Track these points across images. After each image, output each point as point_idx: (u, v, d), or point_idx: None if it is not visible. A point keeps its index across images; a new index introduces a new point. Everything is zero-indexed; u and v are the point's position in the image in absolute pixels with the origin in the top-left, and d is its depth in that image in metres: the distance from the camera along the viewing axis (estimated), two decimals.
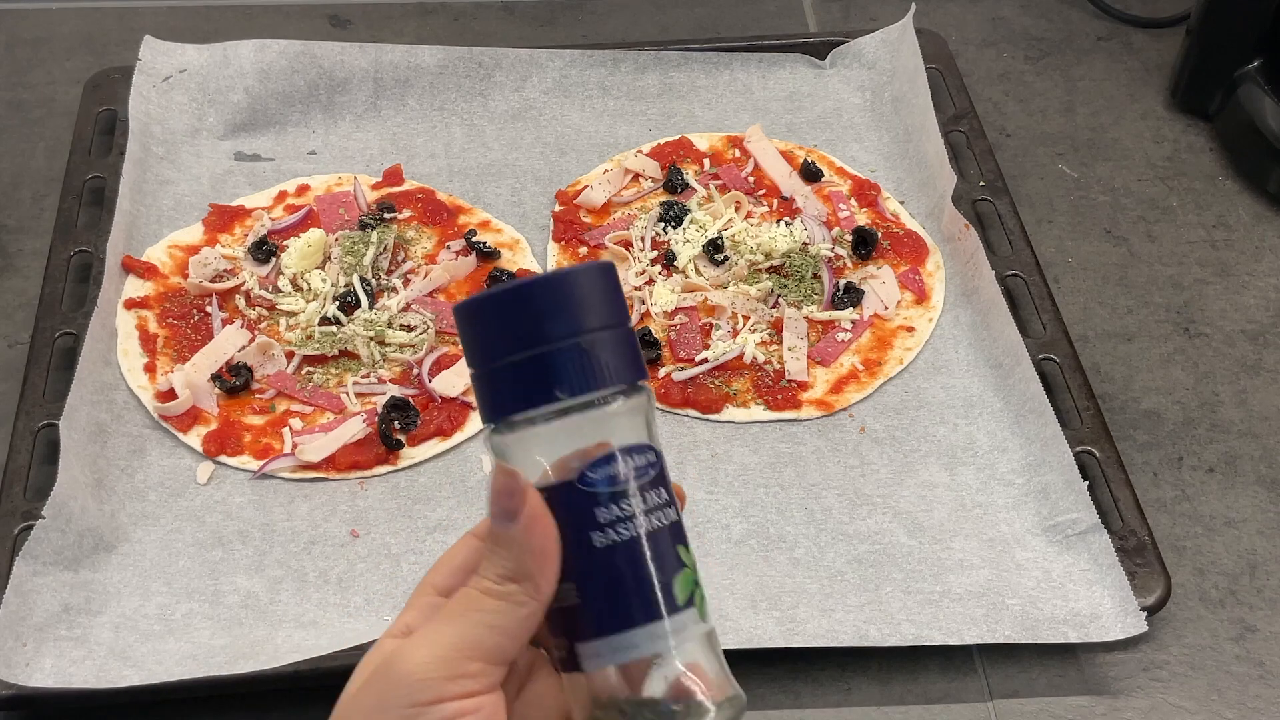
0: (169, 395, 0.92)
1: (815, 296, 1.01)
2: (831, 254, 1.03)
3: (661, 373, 0.96)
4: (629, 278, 1.01)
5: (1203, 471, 0.94)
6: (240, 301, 0.99)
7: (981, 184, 1.09)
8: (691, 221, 1.04)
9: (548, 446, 0.49)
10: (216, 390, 0.93)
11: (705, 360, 0.96)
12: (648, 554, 0.49)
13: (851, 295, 1.00)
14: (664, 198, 1.08)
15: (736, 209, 1.06)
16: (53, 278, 0.99)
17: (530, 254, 1.04)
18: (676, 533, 0.50)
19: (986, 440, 0.93)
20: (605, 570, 0.48)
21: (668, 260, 1.03)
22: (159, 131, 1.09)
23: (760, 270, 1.02)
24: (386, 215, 1.05)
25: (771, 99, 1.18)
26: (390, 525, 0.88)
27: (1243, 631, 0.85)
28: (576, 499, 0.48)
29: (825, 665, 0.82)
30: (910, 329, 1.00)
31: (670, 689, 0.48)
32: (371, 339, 0.96)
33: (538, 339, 0.48)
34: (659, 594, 0.49)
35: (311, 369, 0.96)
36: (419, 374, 0.95)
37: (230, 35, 1.15)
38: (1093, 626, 0.82)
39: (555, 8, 1.29)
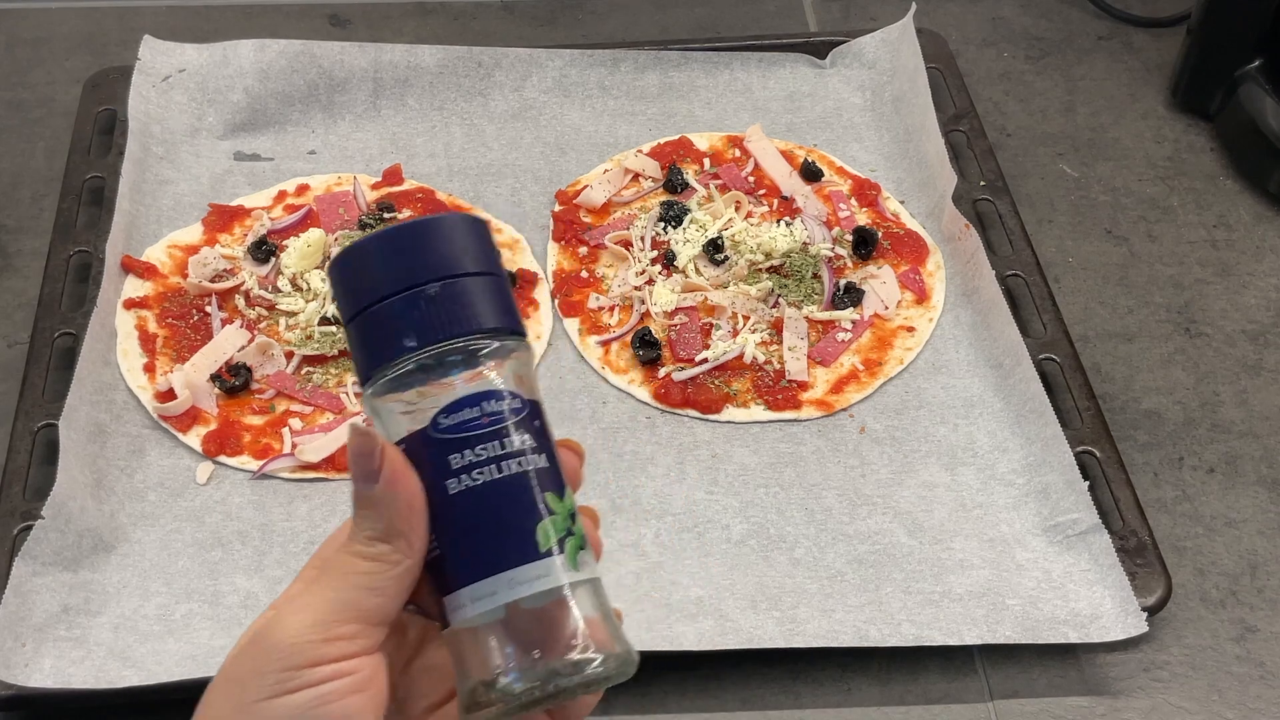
0: (168, 395, 0.92)
1: (815, 296, 1.01)
2: (831, 254, 1.03)
3: (661, 373, 0.96)
4: (629, 278, 1.01)
5: (1203, 472, 0.94)
6: (240, 301, 0.99)
7: (982, 184, 1.09)
8: (691, 221, 1.04)
9: (412, 400, 0.48)
10: (216, 390, 0.93)
11: (705, 360, 0.96)
12: (501, 498, 0.47)
13: (852, 295, 1.00)
14: (664, 197, 1.08)
15: (736, 209, 1.06)
16: (52, 278, 0.99)
17: (530, 254, 1.04)
18: (545, 479, 0.48)
19: (987, 440, 0.93)
20: (460, 517, 0.47)
21: (668, 260, 1.03)
22: (158, 131, 1.09)
23: (760, 270, 1.02)
24: (386, 215, 1.05)
25: (771, 99, 1.17)
26: None
27: (1243, 632, 0.85)
28: (431, 446, 0.47)
29: (825, 665, 0.82)
30: (910, 329, 1.00)
31: (541, 641, 0.47)
32: None
33: (385, 290, 0.47)
34: (513, 540, 0.47)
35: (311, 369, 0.96)
36: None
37: (230, 35, 1.14)
38: (1093, 627, 0.82)
39: (555, 8, 1.29)
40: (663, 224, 1.04)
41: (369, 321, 0.48)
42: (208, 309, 0.98)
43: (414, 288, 0.47)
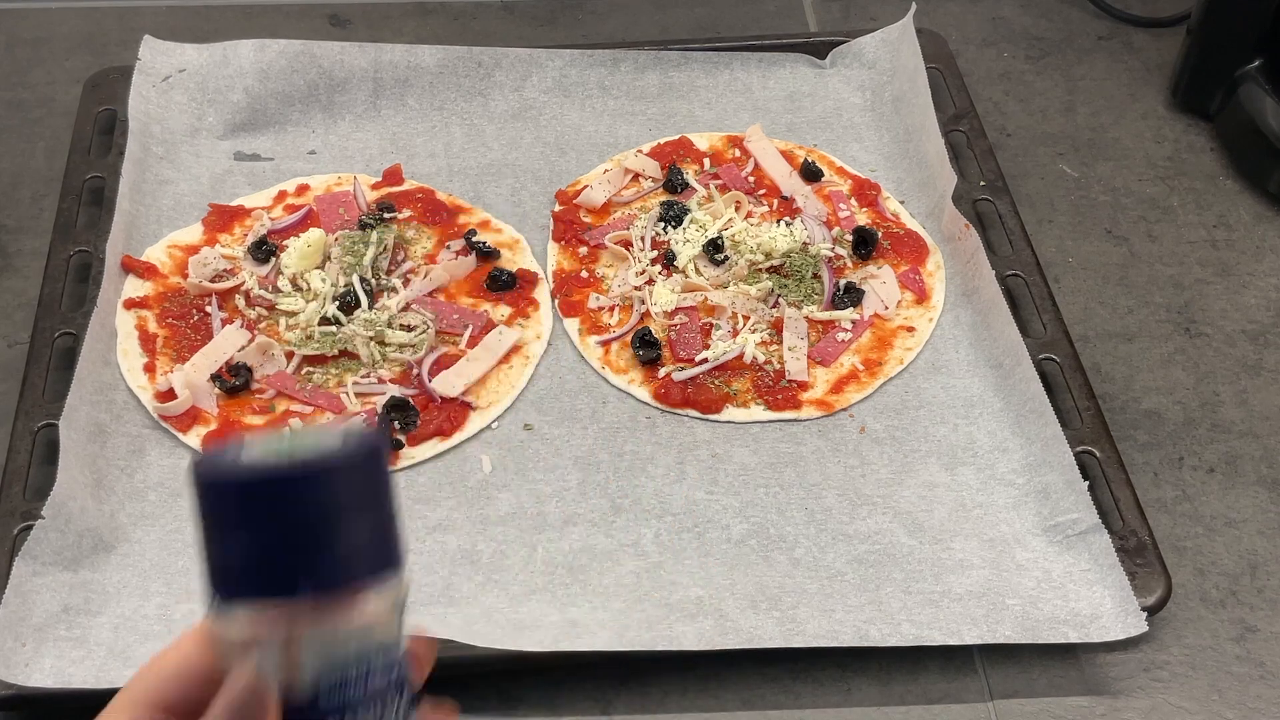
0: (169, 395, 0.92)
1: (815, 296, 1.01)
2: (831, 254, 1.03)
3: (661, 373, 0.96)
4: (629, 278, 1.01)
5: (1203, 472, 0.94)
6: (240, 301, 0.99)
7: (982, 184, 1.09)
8: (691, 221, 1.04)
9: (274, 641, 0.44)
10: (216, 390, 0.93)
11: (705, 360, 0.96)
12: None
13: (852, 295, 1.00)
14: (664, 197, 1.08)
15: (736, 209, 1.06)
16: (52, 278, 0.99)
17: (530, 254, 1.04)
18: None
19: (987, 440, 0.93)
20: None
21: (668, 260, 1.03)
22: (159, 131, 1.09)
23: (760, 270, 1.02)
24: (386, 215, 1.05)
25: (771, 99, 1.17)
26: None
27: (1243, 632, 0.85)
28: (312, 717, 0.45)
29: (825, 665, 0.82)
30: (910, 329, 1.00)
31: None
32: (371, 339, 0.96)
33: (267, 528, 0.43)
34: None
35: (311, 369, 0.96)
36: (419, 374, 0.95)
37: (230, 35, 1.14)
38: (1093, 627, 0.82)
39: (555, 8, 1.29)
40: (663, 224, 1.04)
41: (242, 545, 0.44)
42: (208, 309, 0.98)
43: (299, 531, 0.43)
